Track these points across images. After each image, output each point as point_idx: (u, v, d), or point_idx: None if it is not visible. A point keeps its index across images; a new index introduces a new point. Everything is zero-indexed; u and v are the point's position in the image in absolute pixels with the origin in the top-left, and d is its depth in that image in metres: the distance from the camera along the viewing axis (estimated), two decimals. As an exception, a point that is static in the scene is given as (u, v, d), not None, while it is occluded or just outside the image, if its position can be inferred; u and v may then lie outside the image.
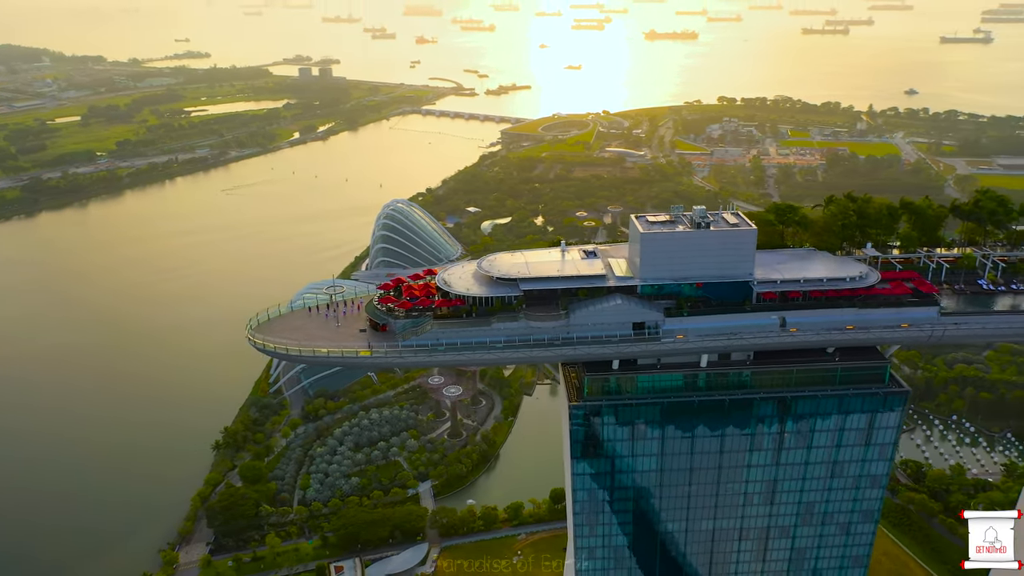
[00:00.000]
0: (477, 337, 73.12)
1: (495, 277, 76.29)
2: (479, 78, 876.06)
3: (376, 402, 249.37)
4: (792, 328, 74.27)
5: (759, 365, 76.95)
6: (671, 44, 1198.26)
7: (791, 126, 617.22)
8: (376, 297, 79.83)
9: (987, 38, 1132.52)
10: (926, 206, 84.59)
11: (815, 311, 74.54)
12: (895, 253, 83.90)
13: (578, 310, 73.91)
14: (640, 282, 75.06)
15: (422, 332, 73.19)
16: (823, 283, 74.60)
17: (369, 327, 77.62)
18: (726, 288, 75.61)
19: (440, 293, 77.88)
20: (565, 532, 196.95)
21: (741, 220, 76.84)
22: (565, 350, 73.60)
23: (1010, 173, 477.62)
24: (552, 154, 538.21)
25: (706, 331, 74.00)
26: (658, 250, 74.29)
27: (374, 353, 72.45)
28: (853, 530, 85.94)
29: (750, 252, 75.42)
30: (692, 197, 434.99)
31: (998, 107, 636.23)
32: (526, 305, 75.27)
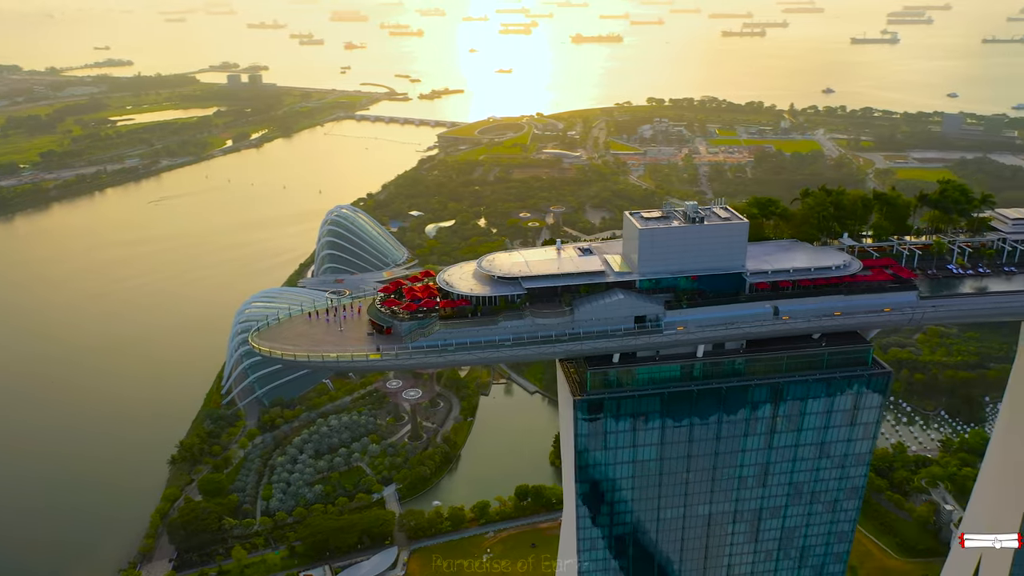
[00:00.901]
0: (485, 336, 74.63)
1: (496, 276, 77.91)
2: (411, 83, 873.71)
3: (334, 408, 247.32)
4: (784, 316, 78.23)
5: (751, 353, 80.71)
6: (597, 47, 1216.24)
7: (719, 125, 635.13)
8: (377, 300, 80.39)
9: (894, 39, 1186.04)
10: (896, 197, 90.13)
11: (804, 299, 78.74)
12: (867, 242, 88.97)
13: (582, 306, 76.17)
14: (639, 277, 77.81)
15: (429, 333, 74.24)
16: (811, 272, 78.86)
17: (372, 330, 78.19)
18: (720, 280, 79.10)
19: (442, 294, 78.96)
20: (533, 528, 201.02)
21: (732, 214, 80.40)
22: (571, 345, 75.80)
23: (924, 166, 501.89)
24: (490, 157, 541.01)
25: (705, 322, 77.34)
26: (656, 245, 77.18)
27: (384, 356, 73.15)
28: (839, 507, 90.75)
29: (742, 245, 79.10)
30: (630, 196, 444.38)
31: (908, 104, 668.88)
32: (529, 303, 77.10)
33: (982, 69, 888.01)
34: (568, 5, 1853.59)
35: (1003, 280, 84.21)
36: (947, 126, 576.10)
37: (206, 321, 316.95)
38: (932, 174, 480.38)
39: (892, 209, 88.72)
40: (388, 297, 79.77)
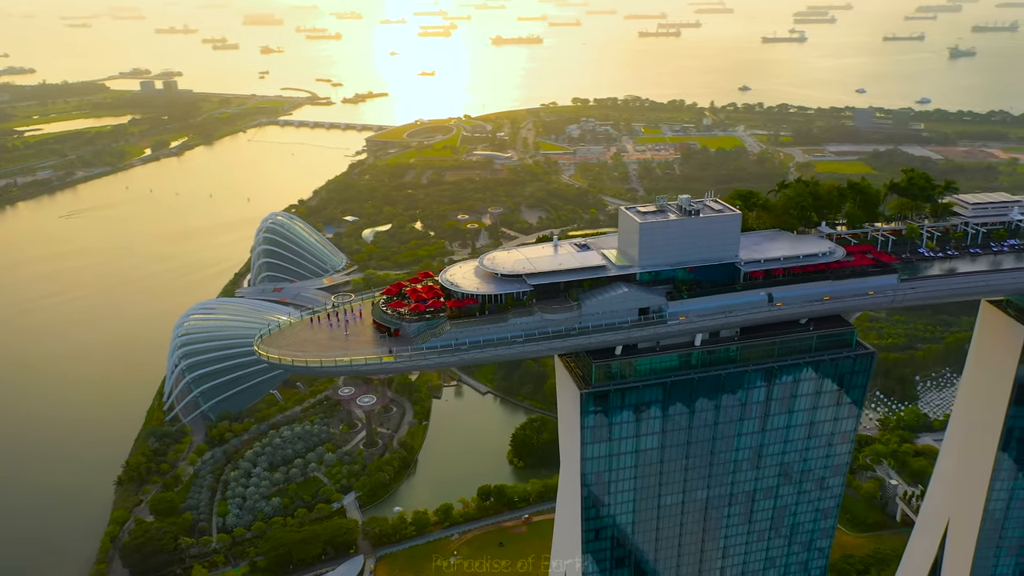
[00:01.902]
0: (498, 333, 75.09)
1: (500, 274, 78.43)
2: (333, 87, 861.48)
3: (284, 419, 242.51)
4: (778, 302, 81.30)
5: (745, 340, 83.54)
6: (517, 48, 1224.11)
7: (644, 123, 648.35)
8: (381, 302, 79.85)
9: (802, 37, 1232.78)
10: (867, 186, 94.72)
11: (795, 286, 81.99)
12: (841, 230, 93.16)
13: (588, 300, 77.50)
14: (640, 270, 79.61)
15: (441, 333, 74.24)
16: (800, 259, 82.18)
17: (377, 332, 77.70)
18: (716, 270, 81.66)
19: (446, 294, 79.04)
20: (498, 528, 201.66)
21: (724, 207, 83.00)
22: (581, 339, 77.04)
23: (841, 159, 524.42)
24: (421, 160, 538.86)
25: (705, 311, 79.71)
26: (655, 238, 79.13)
27: (398, 358, 72.76)
28: (826, 484, 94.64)
29: (736, 235, 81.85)
30: (564, 195, 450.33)
31: (821, 99, 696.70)
32: (535, 299, 77.97)
33: (885, 66, 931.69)
34: (485, 7, 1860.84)
35: (969, 261, 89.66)
36: (859, 120, 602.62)
37: (139, 337, 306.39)
38: (848, 167, 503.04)
39: (864, 198, 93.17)
40: (392, 299, 79.30)
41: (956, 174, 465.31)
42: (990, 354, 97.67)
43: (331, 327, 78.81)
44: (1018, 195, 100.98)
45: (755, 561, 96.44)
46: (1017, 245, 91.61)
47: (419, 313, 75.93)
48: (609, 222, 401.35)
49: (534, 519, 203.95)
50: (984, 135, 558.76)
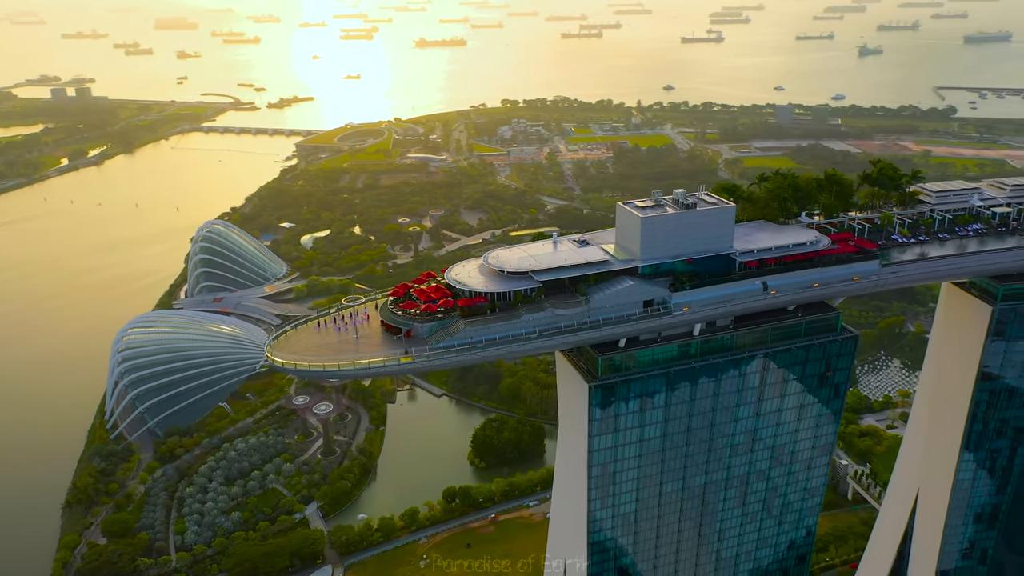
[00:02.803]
0: (512, 330, 75.68)
1: (507, 272, 79.13)
2: (256, 91, 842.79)
3: (237, 432, 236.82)
4: (772, 290, 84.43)
5: (740, 328, 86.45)
6: (442, 51, 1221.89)
7: (574, 123, 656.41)
8: (388, 303, 79.52)
9: (719, 37, 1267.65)
10: (841, 177, 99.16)
11: (787, 274, 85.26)
12: (818, 219, 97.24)
13: (595, 294, 78.95)
14: (641, 263, 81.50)
15: (455, 332, 74.49)
16: (790, 249, 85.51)
17: (386, 334, 77.41)
18: (712, 261, 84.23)
19: (454, 293, 79.34)
20: (465, 529, 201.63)
21: (718, 200, 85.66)
22: (592, 333, 78.42)
23: (766, 154, 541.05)
24: (354, 164, 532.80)
25: (706, 301, 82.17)
26: (656, 232, 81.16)
27: (416, 359, 72.66)
28: (813, 463, 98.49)
29: (731, 227, 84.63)
30: (502, 196, 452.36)
31: (742, 97, 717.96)
32: (544, 295, 79.05)
33: (800, 64, 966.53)
34: (406, 10, 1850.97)
35: (939, 246, 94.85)
36: (780, 117, 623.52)
37: (73, 353, 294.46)
38: (774, 162, 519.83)
39: (840, 188, 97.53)
40: (401, 300, 79.10)
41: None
42: (956, 332, 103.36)
43: (339, 331, 78.05)
44: (969, 184, 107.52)
45: (749, 542, 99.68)
46: (980, 229, 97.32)
47: (431, 313, 75.98)
48: (549, 221, 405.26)
49: (501, 518, 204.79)
50: (897, 129, 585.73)
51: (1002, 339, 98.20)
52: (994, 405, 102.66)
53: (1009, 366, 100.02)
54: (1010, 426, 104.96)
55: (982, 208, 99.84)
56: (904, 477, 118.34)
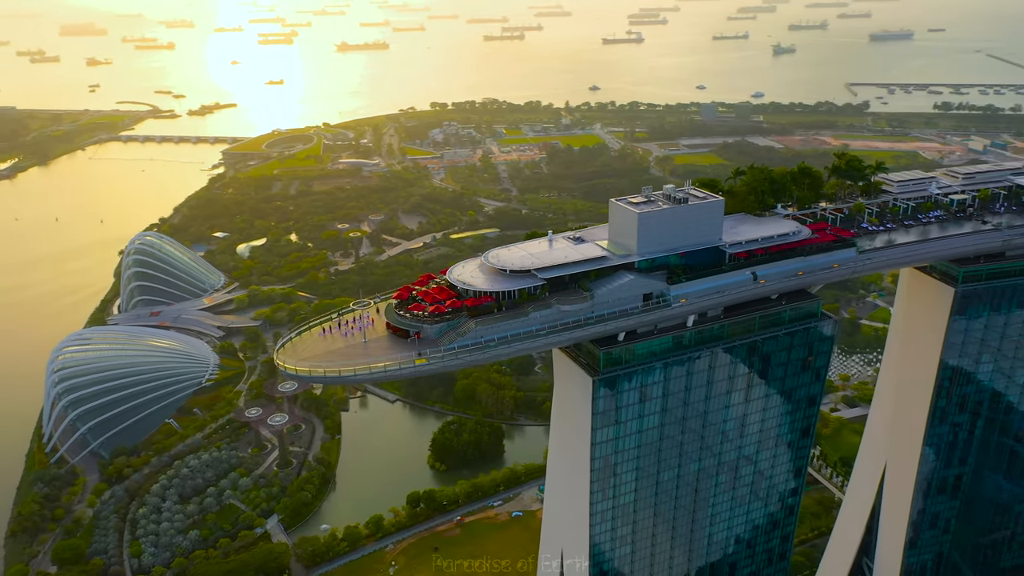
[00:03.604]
0: (523, 327, 76.41)
1: (509, 271, 79.89)
2: (175, 98, 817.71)
3: (187, 448, 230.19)
4: (762, 280, 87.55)
5: (730, 318, 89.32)
6: (364, 54, 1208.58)
7: (505, 125, 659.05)
8: (394, 306, 79.27)
9: (639, 38, 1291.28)
10: (812, 169, 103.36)
11: (774, 264, 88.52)
12: (792, 211, 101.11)
13: (598, 290, 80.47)
14: (638, 258, 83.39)
15: (465, 332, 74.84)
16: (775, 239, 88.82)
17: (393, 337, 77.19)
18: (704, 254, 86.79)
19: (459, 293, 79.67)
20: (432, 533, 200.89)
21: (707, 194, 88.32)
22: (598, 327, 79.91)
23: (694, 151, 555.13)
24: (285, 170, 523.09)
25: (702, 292, 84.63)
26: (652, 227, 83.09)
27: (430, 360, 72.70)
28: (796, 445, 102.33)
29: (720, 220, 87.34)
30: (440, 199, 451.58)
31: (667, 96, 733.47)
32: (548, 292, 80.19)
33: (718, 63, 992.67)
34: (324, 13, 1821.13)
35: (905, 232, 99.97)
36: (705, 115, 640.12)
37: (1, 376, 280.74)
38: (702, 159, 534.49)
39: (811, 180, 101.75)
40: (406, 303, 78.98)
41: (797, 160, 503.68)
42: (919, 313, 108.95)
43: (345, 336, 77.43)
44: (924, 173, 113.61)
45: (739, 525, 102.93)
46: (940, 216, 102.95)
47: (440, 314, 76.20)
48: (488, 223, 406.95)
49: (466, 520, 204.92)
50: (816, 124, 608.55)
51: (964, 318, 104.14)
52: (957, 381, 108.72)
53: (970, 343, 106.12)
54: (971, 400, 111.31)
55: (940, 196, 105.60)
56: (871, 452, 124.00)
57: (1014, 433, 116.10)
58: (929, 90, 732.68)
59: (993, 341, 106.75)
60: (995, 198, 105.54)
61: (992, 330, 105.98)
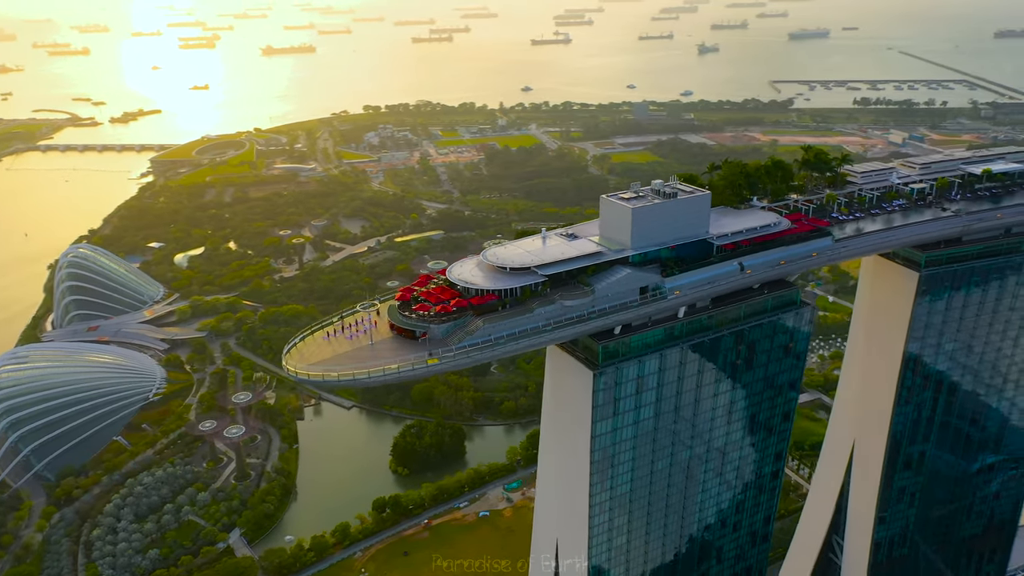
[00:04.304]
0: (530, 324, 77.26)
1: (509, 268, 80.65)
2: (95, 106, 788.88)
3: (139, 466, 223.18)
4: (748, 270, 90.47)
5: (718, 308, 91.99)
6: (290, 58, 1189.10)
7: (441, 127, 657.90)
8: (397, 307, 79.12)
9: (567, 39, 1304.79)
10: (783, 162, 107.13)
11: (757, 254, 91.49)
12: (764, 202, 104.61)
13: (598, 284, 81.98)
14: (633, 252, 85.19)
15: (474, 331, 75.33)
16: (758, 231, 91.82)
17: (398, 338, 77.07)
18: (693, 246, 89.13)
19: (463, 292, 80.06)
20: (400, 538, 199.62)
21: (694, 188, 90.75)
22: (600, 321, 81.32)
23: (629, 150, 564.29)
24: (218, 177, 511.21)
25: (694, 284, 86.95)
26: (645, 221, 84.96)
27: (442, 360, 72.88)
28: (777, 429, 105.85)
29: (707, 213, 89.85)
30: (381, 202, 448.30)
31: (599, 96, 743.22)
32: (550, 288, 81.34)
33: (646, 63, 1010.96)
34: (246, 17, 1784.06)
35: (872, 221, 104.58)
36: (637, 113, 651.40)
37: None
38: (638, 156, 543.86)
39: (783, 173, 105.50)
40: (410, 304, 78.96)
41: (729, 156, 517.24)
42: (884, 298, 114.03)
43: (350, 339, 76.99)
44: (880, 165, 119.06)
45: (727, 509, 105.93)
46: (903, 204, 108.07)
47: (447, 314, 76.52)
48: (432, 225, 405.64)
49: (434, 523, 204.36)
50: (744, 121, 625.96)
51: (927, 302, 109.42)
52: (921, 362, 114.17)
53: (933, 325, 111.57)
54: (933, 378, 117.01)
55: (901, 185, 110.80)
56: (838, 433, 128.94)
57: (971, 408, 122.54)
58: (848, 86, 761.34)
59: (953, 322, 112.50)
60: (951, 186, 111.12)
61: (952, 312, 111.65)
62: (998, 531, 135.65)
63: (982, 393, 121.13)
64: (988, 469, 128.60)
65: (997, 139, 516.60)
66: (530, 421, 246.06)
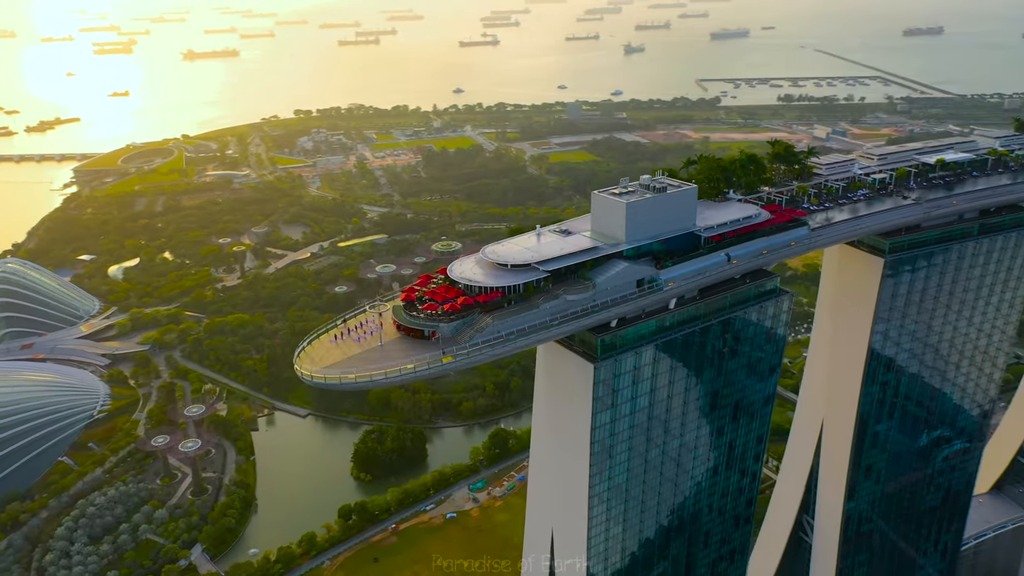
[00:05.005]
0: (537, 319, 78.12)
1: (511, 265, 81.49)
2: (7, 114, 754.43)
3: (88, 486, 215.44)
4: (734, 260, 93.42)
5: (705, 298, 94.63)
6: (214, 63, 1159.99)
7: (375, 130, 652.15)
8: (403, 307, 79.01)
9: (495, 40, 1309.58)
10: (756, 157, 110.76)
11: (742, 245, 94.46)
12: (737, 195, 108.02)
13: (598, 279, 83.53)
14: (627, 246, 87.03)
15: (484, 328, 75.88)
16: (741, 222, 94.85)
17: (406, 338, 77.02)
18: (682, 239, 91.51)
19: (467, 291, 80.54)
20: (367, 544, 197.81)
21: (681, 182, 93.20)
22: (602, 314, 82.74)
23: (566, 149, 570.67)
24: (148, 186, 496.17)
25: (687, 275, 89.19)
26: (638, 216, 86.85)
27: (456, 357, 73.15)
28: (759, 413, 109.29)
29: (694, 206, 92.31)
30: (321, 207, 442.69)
31: (531, 96, 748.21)
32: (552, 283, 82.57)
33: (575, 63, 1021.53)
34: (163, 21, 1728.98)
35: (839, 210, 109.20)
36: (571, 113, 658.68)
37: None
38: (575, 155, 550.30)
39: (757, 167, 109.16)
40: (416, 304, 79.01)
41: (664, 154, 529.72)
42: (850, 284, 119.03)
43: (358, 341, 76.65)
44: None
45: (713, 494, 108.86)
46: (867, 194, 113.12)
47: (455, 312, 76.95)
48: (376, 229, 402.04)
49: (401, 527, 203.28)
50: (675, 119, 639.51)
51: (892, 286, 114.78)
52: (887, 344, 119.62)
53: (897, 308, 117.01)
54: (897, 360, 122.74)
55: (863, 176, 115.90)
56: (807, 415, 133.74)
57: (930, 386, 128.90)
58: (771, 84, 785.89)
59: (914, 305, 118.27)
60: (909, 176, 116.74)
61: (914, 295, 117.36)
62: (954, 502, 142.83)
63: (939, 371, 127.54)
64: (945, 444, 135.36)
65: (914, 132, 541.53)
66: (490, 421, 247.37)
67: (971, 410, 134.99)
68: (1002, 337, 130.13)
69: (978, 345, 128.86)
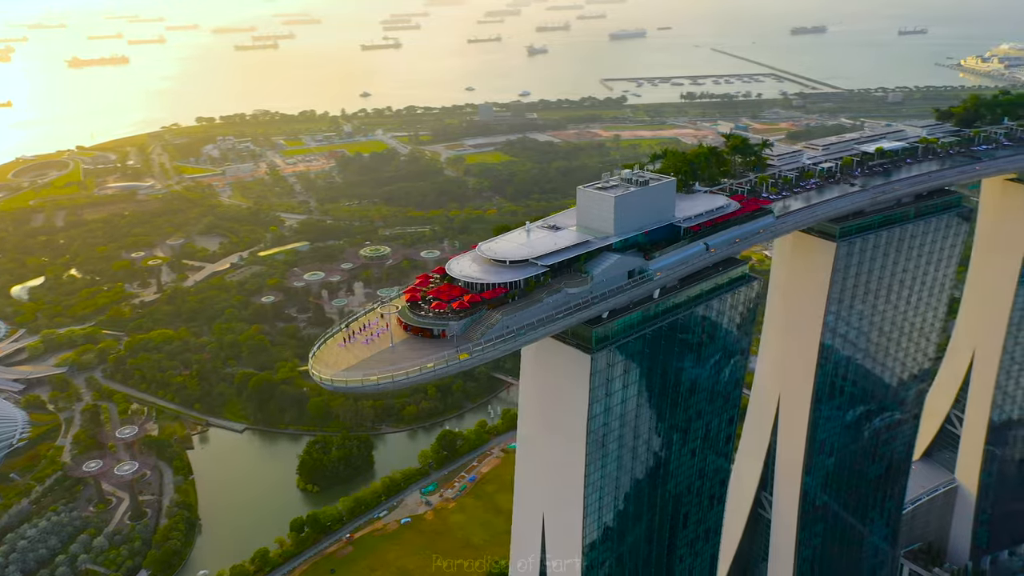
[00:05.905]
0: (543, 312, 79.21)
1: (509, 261, 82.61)
2: None
3: (15, 519, 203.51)
4: (712, 249, 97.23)
5: (684, 287, 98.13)
6: (102, 70, 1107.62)
7: (283, 136, 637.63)
8: (407, 308, 78.92)
9: (397, 43, 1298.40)
10: (718, 151, 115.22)
11: (717, 234, 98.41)
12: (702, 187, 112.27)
13: (595, 271, 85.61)
14: (617, 238, 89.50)
15: (493, 324, 76.63)
16: (715, 213, 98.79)
17: (414, 338, 76.95)
18: (663, 230, 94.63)
19: (469, 288, 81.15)
20: (323, 556, 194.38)
21: (660, 175, 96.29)
22: (600, 305, 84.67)
23: (481, 150, 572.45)
24: (44, 201, 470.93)
25: (673, 264, 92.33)
26: (627, 208, 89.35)
27: (472, 354, 73.56)
28: (731, 395, 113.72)
29: (674, 198, 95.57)
30: (235, 216, 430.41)
31: (440, 99, 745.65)
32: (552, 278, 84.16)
33: (479, 65, 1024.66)
34: (41, 27, 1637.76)
35: (795, 198, 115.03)
36: (483, 115, 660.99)
37: None
38: (490, 156, 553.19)
39: (718, 160, 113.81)
40: (423, 303, 79.07)
41: (577, 153, 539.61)
42: (803, 268, 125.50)
43: (366, 343, 76.22)
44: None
45: (692, 476, 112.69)
46: (817, 183, 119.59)
47: (464, 310, 77.53)
48: (296, 237, 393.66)
49: (356, 536, 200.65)
50: (584, 118, 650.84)
51: (842, 269, 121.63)
52: (839, 324, 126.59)
53: (848, 289, 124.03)
54: (848, 339, 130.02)
55: (812, 166, 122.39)
56: (763, 393, 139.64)
57: (875, 362, 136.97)
58: (672, 82, 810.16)
59: (862, 286, 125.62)
60: (853, 164, 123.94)
61: (861, 276, 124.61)
62: (897, 470, 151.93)
63: (883, 347, 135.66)
64: (888, 415, 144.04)
65: (810, 126, 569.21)
66: (434, 424, 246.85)
67: (909, 383, 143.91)
68: (935, 315, 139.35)
69: (914, 322, 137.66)
